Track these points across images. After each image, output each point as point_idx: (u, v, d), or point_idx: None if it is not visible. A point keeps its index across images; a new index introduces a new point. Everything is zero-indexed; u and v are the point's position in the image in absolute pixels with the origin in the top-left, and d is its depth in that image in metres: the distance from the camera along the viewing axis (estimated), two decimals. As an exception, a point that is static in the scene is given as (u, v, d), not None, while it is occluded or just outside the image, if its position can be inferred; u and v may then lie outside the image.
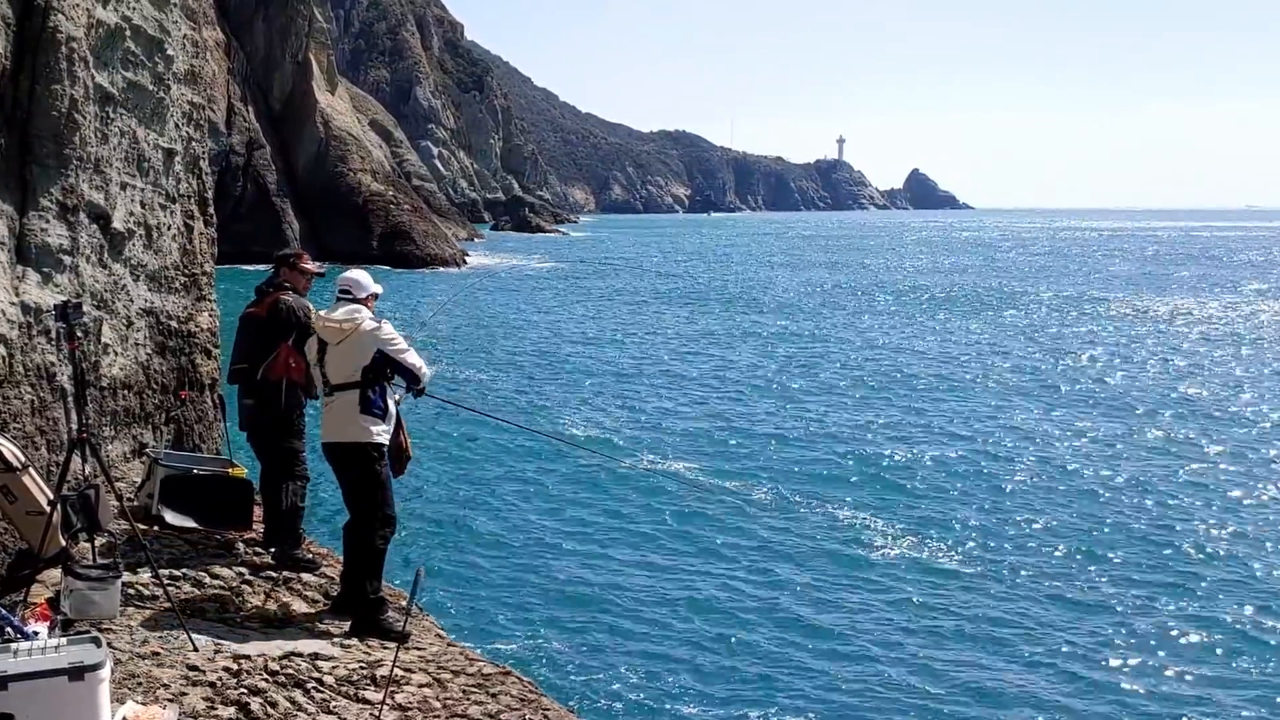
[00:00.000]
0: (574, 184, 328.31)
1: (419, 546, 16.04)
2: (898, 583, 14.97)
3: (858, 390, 29.66)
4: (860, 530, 17.15)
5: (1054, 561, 15.85)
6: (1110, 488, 19.67)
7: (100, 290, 9.97)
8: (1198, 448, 22.87)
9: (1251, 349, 38.16)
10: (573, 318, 47.62)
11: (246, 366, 8.80)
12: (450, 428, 24.80)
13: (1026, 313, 50.24)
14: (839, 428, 24.71)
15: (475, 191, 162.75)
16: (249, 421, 8.96)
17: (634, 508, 18.22)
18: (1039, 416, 26.07)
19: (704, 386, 30.23)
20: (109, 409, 10.15)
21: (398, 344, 7.71)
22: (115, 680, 5.69)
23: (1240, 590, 14.92)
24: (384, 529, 7.70)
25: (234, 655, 6.73)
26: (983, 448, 22.70)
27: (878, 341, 40.01)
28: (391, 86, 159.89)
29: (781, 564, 15.60)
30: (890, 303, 55.30)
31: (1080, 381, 31.26)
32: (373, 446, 7.62)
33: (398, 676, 6.73)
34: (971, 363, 34.87)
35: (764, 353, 37.01)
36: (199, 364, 11.65)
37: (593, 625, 13.31)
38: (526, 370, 32.60)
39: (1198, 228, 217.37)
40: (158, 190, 10.99)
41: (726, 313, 50.01)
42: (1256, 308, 53.15)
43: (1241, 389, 30.07)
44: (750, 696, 11.59)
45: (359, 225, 76.41)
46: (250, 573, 8.49)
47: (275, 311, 8.78)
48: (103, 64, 10.00)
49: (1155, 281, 70.75)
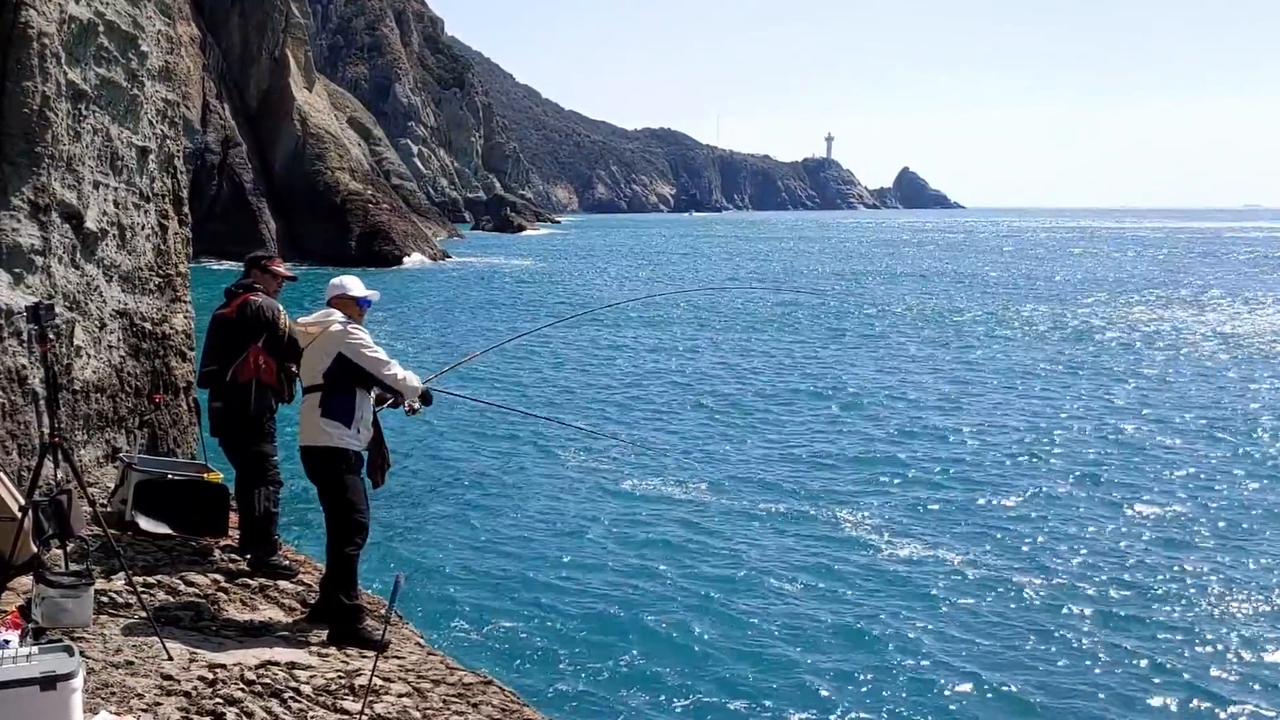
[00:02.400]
0: (557, 183, 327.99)
1: (399, 552, 16.00)
2: (899, 592, 14.98)
3: (851, 388, 29.79)
4: (853, 536, 17.15)
5: (1068, 567, 15.89)
6: (1129, 489, 19.78)
7: (73, 291, 9.95)
8: (1222, 453, 22.97)
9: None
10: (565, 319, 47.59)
11: (216, 369, 8.79)
12: (431, 430, 24.76)
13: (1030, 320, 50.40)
14: (834, 429, 24.78)
15: (456, 191, 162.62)
16: (218, 425, 8.94)
17: (622, 513, 18.20)
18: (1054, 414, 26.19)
19: (695, 391, 30.25)
20: (82, 412, 10.13)
21: (368, 351, 7.64)
22: (88, 690, 5.68)
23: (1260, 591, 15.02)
24: (354, 537, 7.65)
25: (209, 664, 6.72)
26: (999, 446, 22.80)
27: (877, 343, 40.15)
28: (370, 83, 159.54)
29: (775, 571, 15.60)
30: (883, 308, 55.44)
31: (1103, 387, 31.38)
32: (335, 452, 7.57)
33: (376, 686, 6.73)
34: (986, 369, 35.00)
35: (749, 355, 37.10)
36: (174, 367, 11.63)
37: (578, 633, 13.28)
38: (519, 371, 32.60)
39: (1220, 229, 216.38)
40: (131, 189, 10.97)
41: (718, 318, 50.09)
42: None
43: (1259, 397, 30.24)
44: (743, 711, 11.59)
45: (337, 225, 76.27)
46: (226, 580, 8.48)
47: (244, 312, 8.77)
48: (75, 60, 9.99)
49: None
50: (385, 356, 7.75)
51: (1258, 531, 17.61)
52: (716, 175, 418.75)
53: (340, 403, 7.61)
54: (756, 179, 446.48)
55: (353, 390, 7.66)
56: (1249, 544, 17.01)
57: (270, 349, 8.67)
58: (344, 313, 7.84)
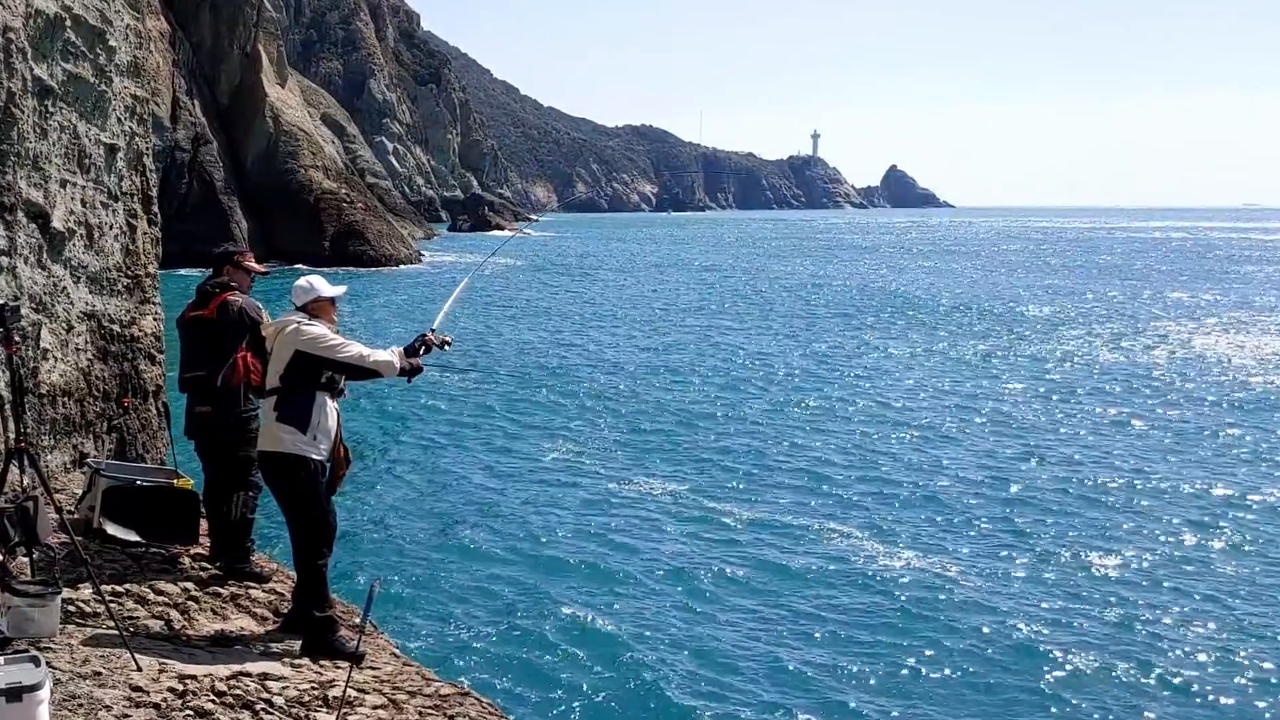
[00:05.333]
0: (535, 181, 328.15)
1: (373, 559, 15.98)
2: (886, 603, 15.04)
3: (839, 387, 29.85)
4: (839, 545, 17.20)
5: (1056, 573, 15.97)
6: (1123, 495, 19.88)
7: (39, 293, 9.93)
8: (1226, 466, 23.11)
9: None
10: (548, 324, 47.62)
11: (204, 374, 8.71)
12: (403, 431, 24.77)
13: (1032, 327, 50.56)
14: (826, 431, 24.84)
15: (432, 189, 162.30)
16: (202, 429, 8.86)
17: (602, 519, 18.22)
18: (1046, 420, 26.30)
19: (684, 398, 30.29)
20: (48, 417, 10.10)
21: (327, 341, 7.52)
22: (55, 701, 5.67)
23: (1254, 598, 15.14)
24: (321, 548, 7.61)
25: (179, 675, 6.70)
26: (986, 451, 22.89)
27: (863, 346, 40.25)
28: (344, 79, 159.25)
29: (755, 576, 15.64)
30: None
31: (1096, 397, 31.52)
32: (293, 459, 7.50)
33: (351, 698, 6.72)
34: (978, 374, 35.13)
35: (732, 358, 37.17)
36: (142, 370, 11.60)
37: (557, 643, 13.28)
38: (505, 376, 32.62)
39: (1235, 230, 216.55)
40: (99, 188, 10.95)
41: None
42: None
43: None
44: (723, 717, 11.62)
45: (310, 224, 76.09)
46: (197, 588, 8.46)
47: (225, 313, 8.71)
48: (42, 55, 9.96)
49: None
50: (342, 340, 7.60)
51: (1260, 532, 17.76)
52: (700, 173, 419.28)
53: (296, 408, 7.51)
54: (741, 177, 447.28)
55: (311, 394, 7.55)
56: (1250, 544, 17.16)
57: (255, 350, 8.62)
58: (321, 316, 7.76)
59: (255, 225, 73.89)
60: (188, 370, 8.85)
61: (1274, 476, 21.49)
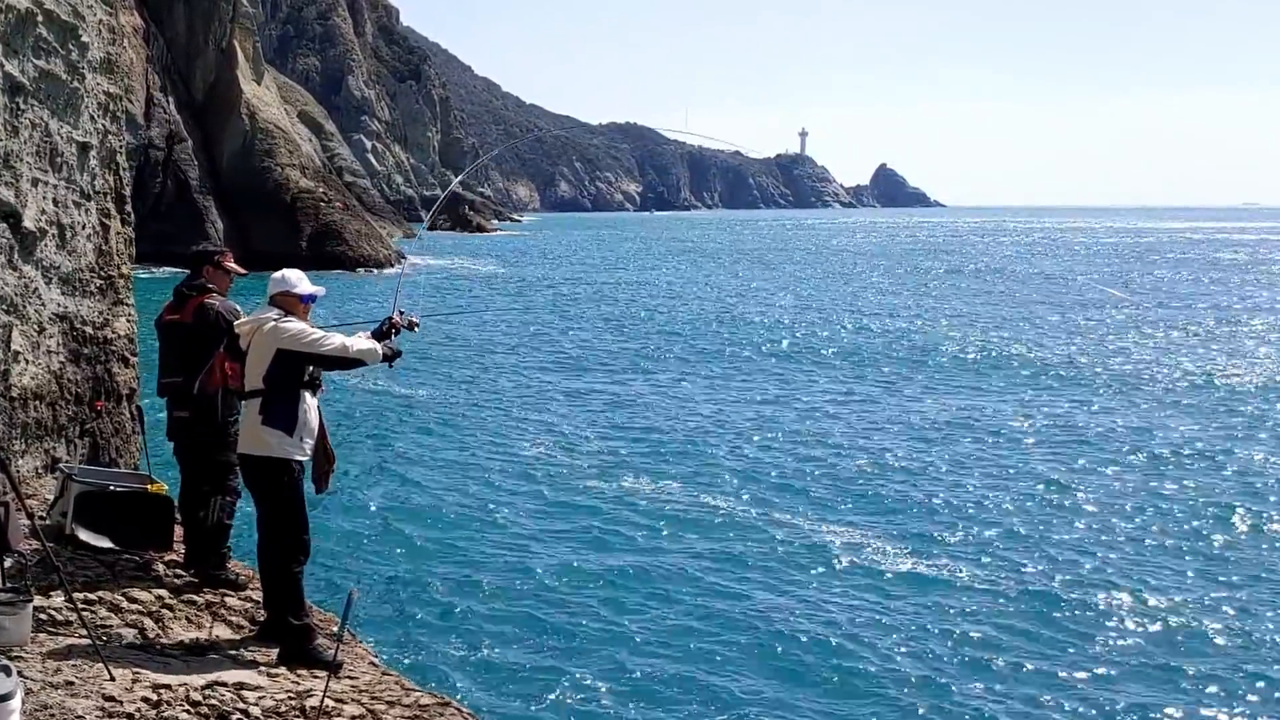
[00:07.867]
0: (517, 180, 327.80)
1: (351, 566, 15.95)
2: (870, 599, 15.08)
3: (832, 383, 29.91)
4: (832, 540, 17.23)
5: (1054, 573, 16.04)
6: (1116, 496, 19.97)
7: (10, 294, 9.91)
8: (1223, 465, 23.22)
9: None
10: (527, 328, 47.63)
11: (181, 381, 8.70)
12: (384, 433, 24.76)
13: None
14: (820, 432, 24.89)
15: (411, 188, 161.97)
16: (180, 432, 8.86)
17: (586, 523, 18.22)
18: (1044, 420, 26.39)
19: (671, 396, 30.33)
20: (19, 421, 10.08)
21: (308, 336, 7.51)
22: (26, 712, 5.67)
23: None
24: (297, 554, 7.62)
25: (154, 685, 6.70)
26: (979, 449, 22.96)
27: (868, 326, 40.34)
28: (322, 76, 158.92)
29: (748, 581, 15.67)
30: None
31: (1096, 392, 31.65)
32: (277, 463, 7.51)
33: (329, 708, 6.73)
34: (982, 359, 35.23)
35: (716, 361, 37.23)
36: (116, 373, 11.58)
37: (540, 651, 13.27)
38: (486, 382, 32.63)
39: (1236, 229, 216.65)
40: (71, 187, 10.92)
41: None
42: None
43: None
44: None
45: (287, 224, 75.80)
46: (171, 596, 8.45)
47: (203, 317, 8.69)
48: (12, 51, 9.94)
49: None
50: (323, 333, 7.60)
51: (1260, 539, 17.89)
52: (685, 172, 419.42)
53: (282, 409, 7.51)
54: (727, 176, 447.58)
55: (297, 394, 7.57)
56: (1249, 549, 17.29)
57: (233, 353, 8.60)
58: (286, 310, 7.72)
59: (230, 225, 73.62)
60: (165, 376, 8.85)
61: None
